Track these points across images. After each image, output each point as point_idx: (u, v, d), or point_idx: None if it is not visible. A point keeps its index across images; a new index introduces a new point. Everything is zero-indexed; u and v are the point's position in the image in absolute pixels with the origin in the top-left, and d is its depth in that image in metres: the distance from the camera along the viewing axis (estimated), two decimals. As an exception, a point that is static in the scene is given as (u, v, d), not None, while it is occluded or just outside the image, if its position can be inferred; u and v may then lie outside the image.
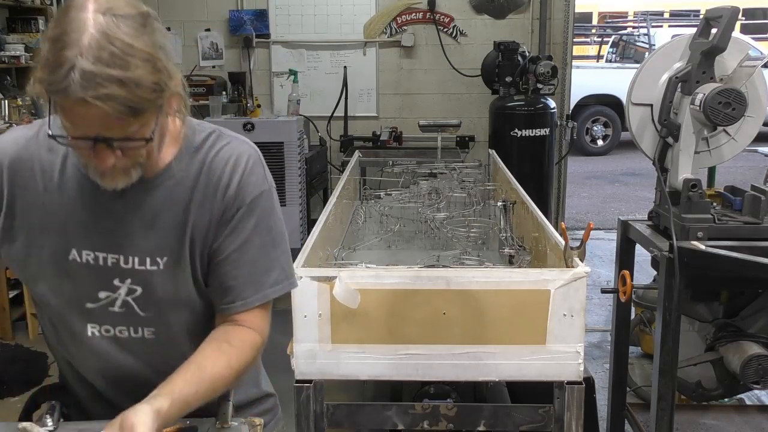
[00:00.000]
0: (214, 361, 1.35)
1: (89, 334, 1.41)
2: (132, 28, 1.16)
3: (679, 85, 2.44)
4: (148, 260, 1.37)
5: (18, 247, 1.37)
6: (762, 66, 2.48)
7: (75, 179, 1.35)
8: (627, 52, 12.49)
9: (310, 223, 5.16)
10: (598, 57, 13.43)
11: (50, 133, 1.20)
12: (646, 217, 2.76)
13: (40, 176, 1.35)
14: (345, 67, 6.03)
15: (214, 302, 1.44)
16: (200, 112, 5.95)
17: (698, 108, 2.35)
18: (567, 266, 1.72)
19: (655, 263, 2.52)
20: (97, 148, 1.19)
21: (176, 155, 1.37)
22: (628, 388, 3.13)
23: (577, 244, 1.75)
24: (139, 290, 1.38)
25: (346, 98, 5.98)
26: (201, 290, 1.42)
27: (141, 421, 1.17)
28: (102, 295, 1.39)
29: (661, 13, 15.56)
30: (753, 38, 10.27)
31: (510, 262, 2.48)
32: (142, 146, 1.23)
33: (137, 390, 1.27)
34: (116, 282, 1.38)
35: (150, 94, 1.16)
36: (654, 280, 2.78)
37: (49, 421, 1.38)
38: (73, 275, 1.37)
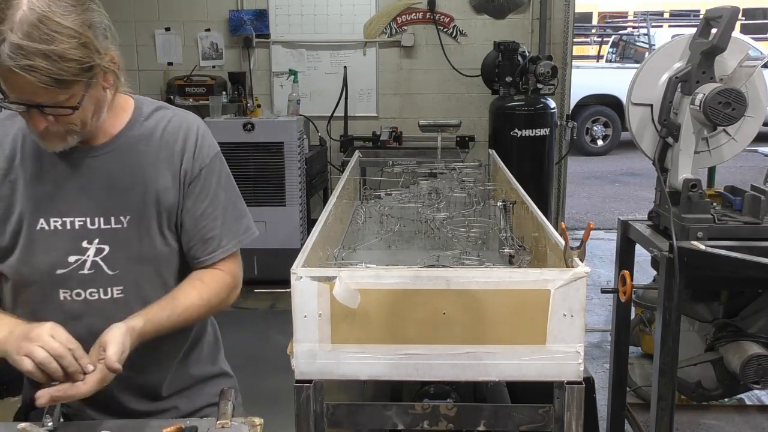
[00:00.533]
0: (187, 293, 1.52)
1: (61, 298, 1.50)
2: (63, 8, 1.29)
3: (679, 85, 2.44)
4: (112, 219, 1.49)
5: None
6: (762, 66, 2.48)
7: (34, 153, 1.48)
8: (627, 52, 12.50)
9: (310, 223, 5.17)
10: (598, 57, 13.44)
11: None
12: (646, 217, 2.76)
13: (6, 155, 1.49)
14: (345, 67, 6.03)
15: (195, 256, 1.58)
16: (200, 112, 5.96)
17: (698, 108, 2.35)
18: (567, 266, 1.72)
19: (655, 263, 2.52)
20: (31, 113, 1.34)
21: (127, 123, 1.54)
22: (628, 388, 3.13)
23: (577, 244, 1.75)
24: (107, 249, 1.49)
25: (346, 98, 5.98)
26: (167, 243, 1.55)
27: (113, 336, 1.33)
28: (72, 259, 1.49)
29: (661, 13, 15.57)
30: (753, 38, 10.28)
31: (510, 262, 2.48)
32: (70, 114, 1.35)
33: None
34: (84, 244, 1.49)
35: (75, 67, 1.30)
36: (654, 280, 2.77)
37: (49, 421, 1.39)
38: (43, 243, 1.48)
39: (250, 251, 5.15)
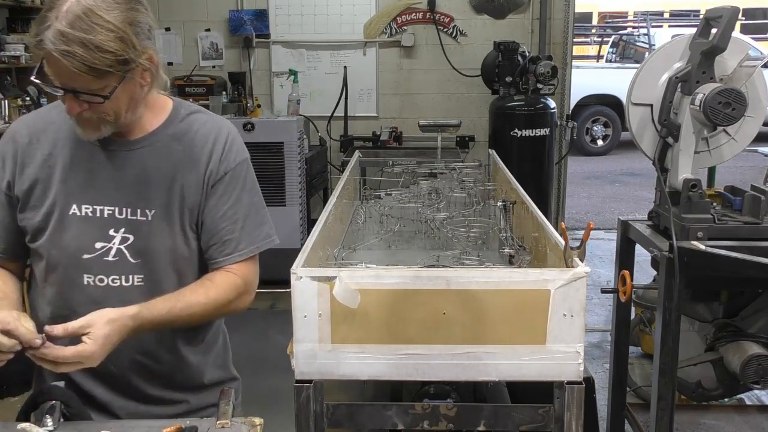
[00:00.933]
0: (193, 290, 1.59)
1: (84, 283, 1.57)
2: (108, 4, 1.39)
3: (679, 85, 2.44)
4: (139, 211, 1.57)
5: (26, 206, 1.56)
6: (762, 66, 2.48)
7: (74, 142, 1.56)
8: (627, 52, 12.50)
9: (310, 223, 5.16)
10: (598, 57, 13.44)
11: (33, 78, 1.46)
12: (646, 217, 2.76)
13: (50, 140, 1.57)
14: (345, 67, 6.03)
15: (212, 256, 1.64)
16: (200, 112, 5.97)
17: (698, 108, 2.35)
18: (567, 266, 1.72)
19: (655, 263, 2.52)
20: (66, 97, 1.43)
21: (163, 122, 1.61)
22: (628, 388, 3.13)
23: (577, 244, 1.75)
24: (131, 238, 1.57)
25: (346, 98, 5.98)
26: (187, 242, 1.61)
27: (99, 315, 1.41)
28: (98, 245, 1.57)
29: (661, 13, 15.57)
30: (753, 38, 10.28)
31: (510, 262, 2.48)
32: (101, 102, 1.44)
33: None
34: (111, 232, 1.57)
35: (110, 59, 1.38)
36: (654, 280, 2.77)
37: (49, 421, 1.39)
38: (73, 228, 1.56)
39: (250, 251, 5.17)
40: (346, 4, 6.09)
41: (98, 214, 1.56)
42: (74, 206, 1.56)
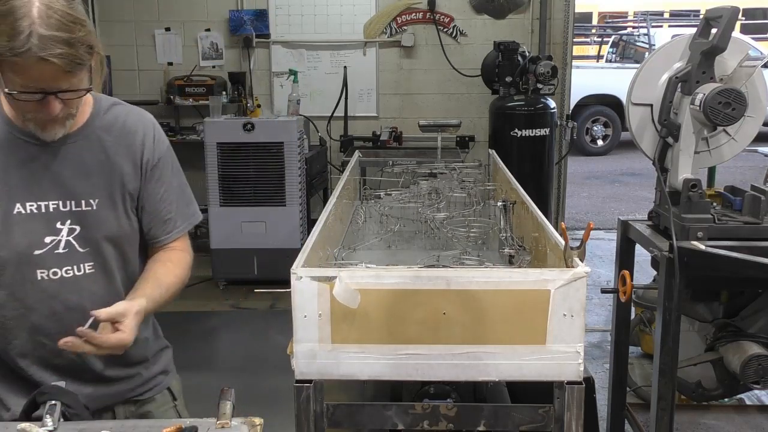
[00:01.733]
0: (166, 273, 1.71)
1: (38, 278, 1.60)
2: (63, 0, 1.42)
3: (679, 85, 2.44)
4: (83, 202, 1.62)
5: None
6: (762, 66, 2.48)
7: (5, 143, 1.57)
8: (627, 52, 12.50)
9: (310, 223, 5.17)
10: (598, 57, 13.44)
11: (6, 91, 1.44)
12: (646, 217, 2.76)
13: None
14: (345, 67, 6.03)
15: (155, 236, 1.75)
16: (200, 112, 5.96)
17: (698, 108, 2.35)
18: (567, 266, 1.72)
19: (655, 263, 2.52)
20: (47, 99, 1.45)
21: (90, 115, 1.66)
22: (628, 388, 3.13)
23: (577, 244, 1.75)
24: (78, 229, 1.62)
25: (346, 98, 5.98)
26: (131, 224, 1.70)
27: (128, 306, 1.52)
28: (47, 239, 1.60)
29: (661, 13, 15.57)
30: (753, 38, 10.28)
31: (510, 262, 2.48)
32: (83, 95, 1.51)
33: (80, 325, 1.48)
34: (58, 225, 1.61)
35: (87, 52, 1.44)
36: (654, 280, 2.77)
37: (49, 421, 1.39)
38: (20, 227, 1.58)
39: (250, 251, 5.18)
40: (346, 4, 6.09)
41: (43, 210, 1.59)
42: (18, 205, 1.57)
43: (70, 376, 1.66)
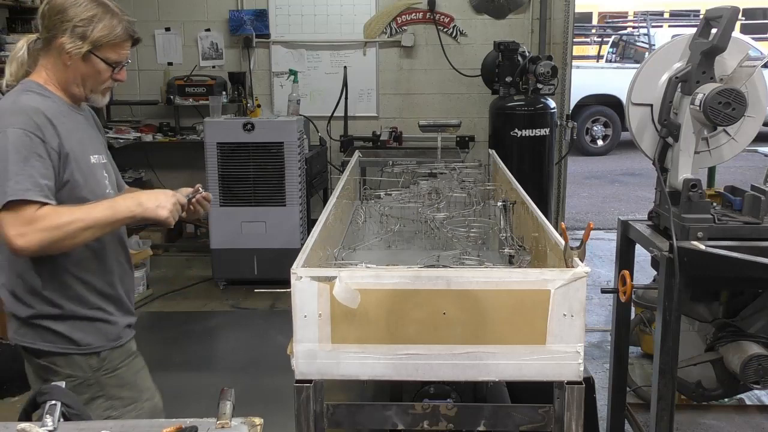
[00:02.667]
0: None
1: None
2: None
3: (679, 85, 2.44)
4: (104, 155, 2.02)
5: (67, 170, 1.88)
6: (762, 66, 2.48)
7: (57, 115, 1.85)
8: (627, 52, 12.49)
9: (310, 223, 5.16)
10: (598, 57, 13.43)
11: (112, 64, 1.89)
12: (646, 217, 2.76)
13: (61, 119, 1.86)
14: (345, 67, 6.03)
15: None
16: (200, 112, 5.96)
17: (698, 108, 2.35)
18: (567, 266, 1.72)
19: (655, 263, 2.52)
20: (122, 69, 1.94)
21: None
22: (628, 388, 3.13)
23: (577, 244, 1.75)
24: (107, 176, 2.00)
25: (346, 98, 5.98)
26: None
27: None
28: (106, 182, 1.98)
29: (661, 13, 15.56)
30: (753, 38, 10.28)
31: (510, 262, 2.48)
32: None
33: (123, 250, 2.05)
34: (104, 173, 1.99)
35: None
36: (654, 280, 2.77)
37: (49, 421, 1.39)
38: (94, 174, 1.93)
39: (250, 251, 5.18)
40: (346, 4, 6.09)
41: (100, 161, 1.98)
42: (91, 157, 1.94)
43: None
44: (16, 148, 1.72)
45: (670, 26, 13.71)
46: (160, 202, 1.84)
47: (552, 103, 5.30)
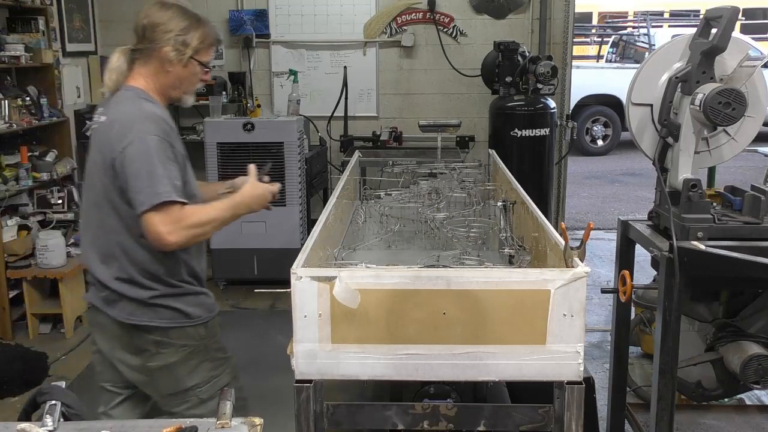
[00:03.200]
0: None
1: None
2: None
3: (679, 85, 2.44)
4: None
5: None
6: (762, 66, 2.48)
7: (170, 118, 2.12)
8: (627, 52, 12.49)
9: (310, 223, 5.16)
10: (598, 57, 13.43)
11: (207, 65, 2.17)
12: (646, 217, 2.76)
13: (171, 124, 2.10)
14: (345, 67, 6.03)
15: None
16: (200, 112, 5.96)
17: (698, 108, 2.35)
18: (567, 266, 1.72)
19: (655, 263, 2.52)
20: (209, 70, 2.20)
21: None
22: (628, 388, 3.13)
23: (577, 244, 1.75)
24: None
25: (346, 98, 5.98)
26: None
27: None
28: (194, 179, 2.21)
29: (661, 13, 15.56)
30: (753, 38, 10.28)
31: (510, 262, 2.48)
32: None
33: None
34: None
35: None
36: (654, 280, 2.77)
37: (49, 421, 1.39)
38: (191, 173, 2.15)
39: (250, 251, 5.17)
40: (346, 4, 6.09)
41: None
42: (188, 168, 2.15)
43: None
44: (158, 153, 1.96)
45: (670, 26, 13.70)
46: (263, 200, 2.26)
47: (552, 103, 5.30)
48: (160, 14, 2.07)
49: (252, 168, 2.30)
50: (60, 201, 4.88)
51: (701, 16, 2.61)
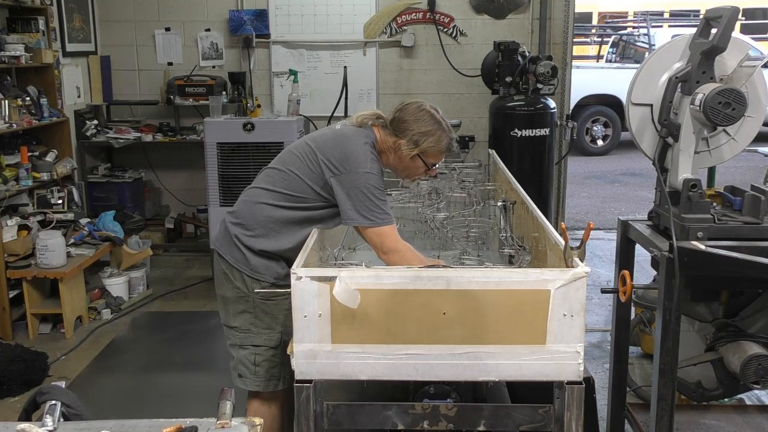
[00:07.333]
0: None
1: None
2: None
3: (679, 85, 2.44)
4: None
5: None
6: (762, 66, 2.48)
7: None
8: (627, 52, 12.49)
9: (310, 223, 5.15)
10: (598, 57, 13.43)
11: (430, 166, 2.47)
12: (646, 217, 2.76)
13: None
14: (345, 67, 6.03)
15: None
16: (200, 112, 5.96)
17: (698, 108, 2.35)
18: (567, 266, 1.72)
19: (655, 263, 2.52)
20: (435, 168, 2.51)
21: None
22: (628, 388, 3.13)
23: (577, 244, 1.75)
24: None
25: (346, 98, 5.98)
26: None
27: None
28: None
29: (661, 13, 15.56)
30: (753, 38, 10.27)
31: (510, 262, 2.49)
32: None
33: None
34: None
35: None
36: (654, 280, 2.77)
37: (49, 421, 1.39)
38: None
39: (250, 251, 5.17)
40: (346, 4, 6.09)
41: None
42: None
43: None
44: (378, 186, 2.33)
45: (670, 26, 13.70)
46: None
47: (552, 103, 5.30)
48: (412, 114, 2.40)
49: None
50: (60, 201, 4.88)
51: (701, 16, 2.61)
